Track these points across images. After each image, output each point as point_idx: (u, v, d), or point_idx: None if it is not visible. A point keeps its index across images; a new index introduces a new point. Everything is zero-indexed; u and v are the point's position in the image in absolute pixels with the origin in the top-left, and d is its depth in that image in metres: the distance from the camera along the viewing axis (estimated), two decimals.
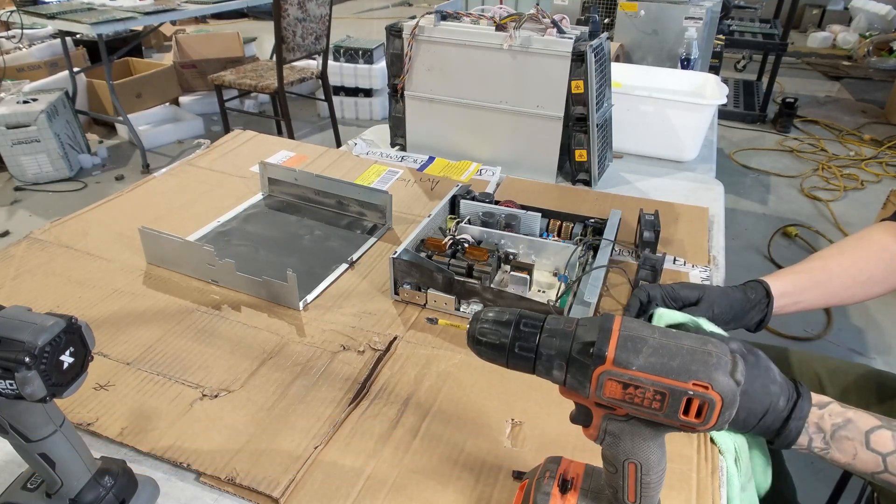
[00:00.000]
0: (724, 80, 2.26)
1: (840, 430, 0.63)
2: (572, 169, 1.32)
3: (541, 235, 1.01)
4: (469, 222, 1.01)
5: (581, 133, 1.25)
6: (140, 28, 3.76)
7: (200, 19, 6.00)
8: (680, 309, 0.77)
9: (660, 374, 0.43)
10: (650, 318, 0.75)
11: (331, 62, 3.60)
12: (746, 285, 0.82)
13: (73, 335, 0.50)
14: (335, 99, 3.79)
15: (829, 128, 4.05)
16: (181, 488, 0.64)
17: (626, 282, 0.97)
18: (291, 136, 3.19)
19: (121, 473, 0.59)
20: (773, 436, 0.65)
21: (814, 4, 6.45)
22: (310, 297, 0.92)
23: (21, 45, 3.70)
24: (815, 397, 0.65)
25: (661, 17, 2.02)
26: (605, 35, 1.25)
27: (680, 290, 0.78)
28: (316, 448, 0.68)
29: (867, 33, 5.82)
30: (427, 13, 1.30)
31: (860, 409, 0.64)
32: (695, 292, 0.78)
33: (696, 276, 0.99)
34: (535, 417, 0.73)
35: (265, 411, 0.72)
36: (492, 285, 0.89)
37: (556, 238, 1.00)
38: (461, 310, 0.89)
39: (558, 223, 1.02)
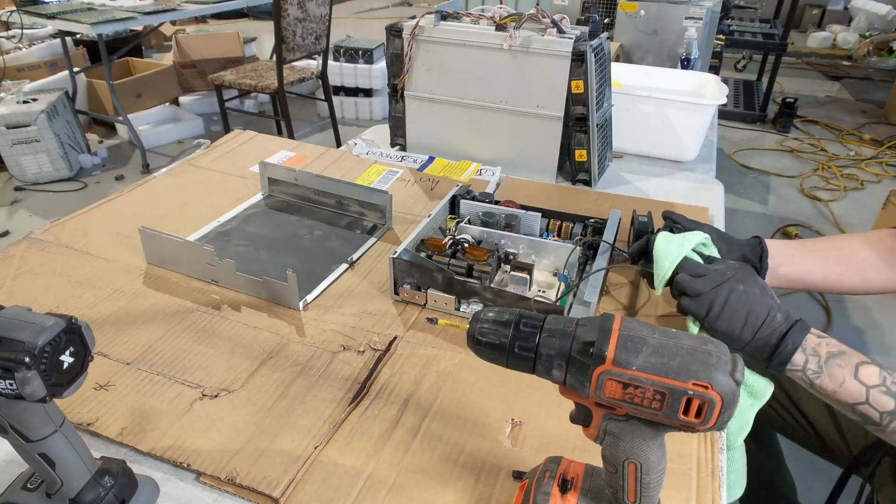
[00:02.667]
0: (724, 80, 2.26)
1: (834, 357, 0.66)
2: (572, 169, 1.32)
3: (541, 235, 1.01)
4: (469, 222, 1.01)
5: (581, 133, 1.25)
6: (140, 28, 3.76)
7: (200, 19, 6.00)
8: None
9: (660, 374, 0.43)
10: (648, 245, 0.80)
11: (331, 62, 3.60)
12: (749, 242, 0.85)
13: (73, 335, 0.50)
14: (335, 99, 3.79)
15: (829, 128, 4.05)
16: (181, 488, 0.64)
17: (627, 283, 0.97)
18: (291, 136, 3.19)
19: (121, 473, 0.59)
20: (770, 352, 0.68)
21: (814, 4, 6.45)
22: (310, 297, 0.92)
23: (21, 45, 3.71)
24: (816, 330, 0.68)
25: (661, 17, 2.02)
26: (605, 35, 1.25)
27: (680, 218, 0.84)
28: (316, 448, 0.68)
29: (867, 33, 5.82)
30: (427, 13, 1.30)
31: (855, 350, 0.67)
32: (692, 225, 0.83)
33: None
34: (535, 417, 0.73)
35: (265, 411, 0.72)
36: (492, 285, 0.89)
37: (556, 238, 1.00)
38: (461, 310, 0.89)
39: (558, 223, 1.02)
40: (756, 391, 0.73)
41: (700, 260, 0.76)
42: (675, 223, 0.84)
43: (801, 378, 0.68)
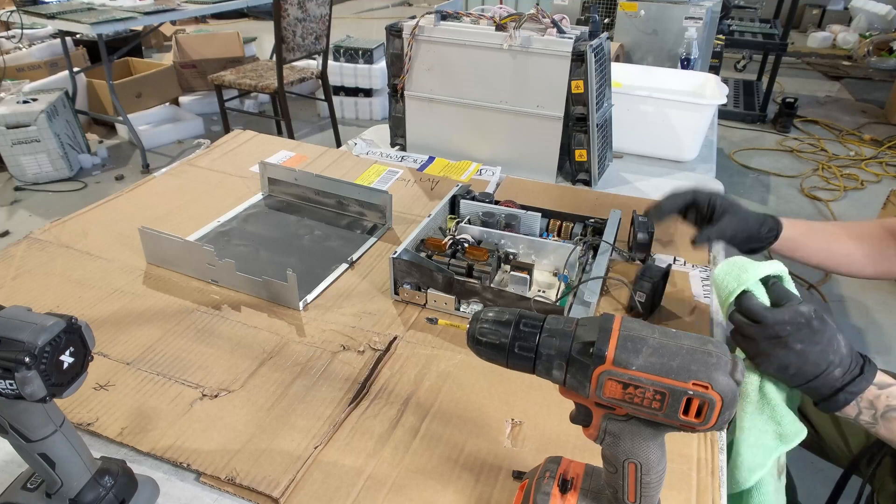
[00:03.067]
0: (724, 80, 2.26)
1: (892, 411, 0.64)
2: (572, 169, 1.32)
3: (541, 235, 1.01)
4: (469, 222, 1.01)
5: (581, 133, 1.25)
6: (140, 28, 3.76)
7: (200, 19, 6.00)
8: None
9: (660, 374, 0.43)
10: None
11: (331, 62, 3.60)
12: (765, 219, 0.87)
13: (73, 335, 0.50)
14: (335, 99, 3.79)
15: (829, 128, 4.05)
16: (181, 488, 0.64)
17: (627, 283, 0.97)
18: (291, 136, 3.19)
19: (121, 473, 0.59)
20: (821, 399, 0.66)
21: (814, 4, 6.45)
22: (310, 297, 0.92)
23: (21, 45, 3.70)
24: (881, 377, 0.66)
25: (661, 17, 2.02)
26: (605, 35, 1.25)
27: (716, 199, 0.86)
28: (316, 448, 0.68)
29: (867, 33, 5.82)
30: (427, 13, 1.30)
31: None
32: (722, 208, 0.85)
33: (696, 276, 0.99)
34: (535, 417, 0.73)
35: (265, 411, 0.72)
36: (492, 285, 0.89)
37: (556, 238, 1.00)
38: (461, 310, 0.89)
39: (558, 223, 1.02)
40: (785, 434, 0.68)
41: (765, 298, 0.67)
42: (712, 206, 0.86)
43: (854, 422, 0.67)
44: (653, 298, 0.88)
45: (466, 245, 0.94)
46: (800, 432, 0.68)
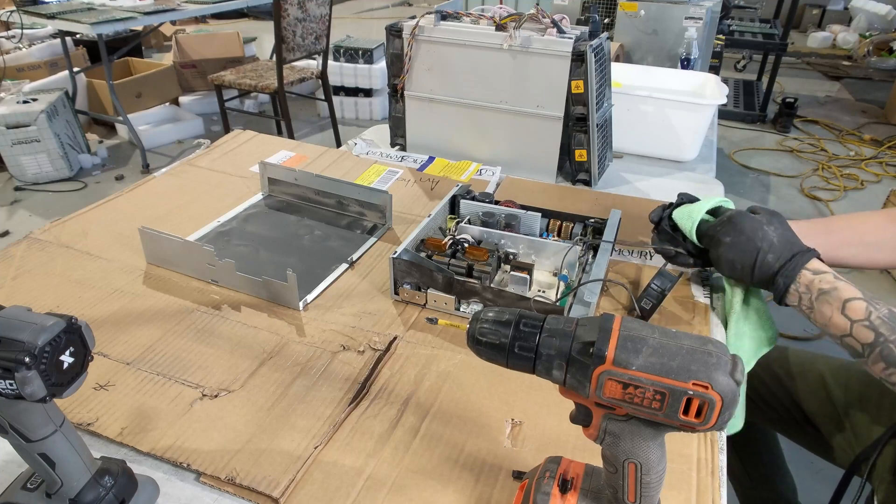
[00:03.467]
0: (724, 80, 2.26)
1: (824, 294, 0.71)
2: (572, 169, 1.32)
3: (541, 235, 1.01)
4: (469, 222, 1.01)
5: (581, 133, 1.25)
6: (140, 28, 3.76)
7: (200, 19, 6.00)
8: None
9: (659, 374, 0.43)
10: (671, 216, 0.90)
11: (331, 62, 3.60)
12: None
13: (73, 335, 0.50)
14: (335, 99, 3.79)
15: (829, 128, 4.05)
16: (181, 488, 0.64)
17: (627, 283, 0.97)
18: (291, 136, 3.19)
19: (121, 473, 0.59)
20: (768, 288, 0.76)
21: (814, 4, 6.45)
22: (310, 297, 0.92)
23: (21, 45, 3.71)
24: (815, 264, 0.73)
25: (661, 17, 2.02)
26: (605, 35, 1.25)
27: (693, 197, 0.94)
28: (316, 448, 0.68)
29: (867, 33, 5.82)
30: (427, 13, 1.30)
31: (850, 283, 0.71)
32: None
33: (696, 276, 0.99)
34: (535, 417, 0.73)
35: (265, 411, 0.72)
36: (492, 285, 0.89)
37: (556, 238, 1.00)
38: (461, 310, 0.89)
39: (558, 223, 1.02)
40: (767, 338, 0.82)
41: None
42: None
43: (801, 313, 0.75)
44: (658, 304, 0.88)
45: (466, 245, 0.94)
46: (775, 337, 0.82)
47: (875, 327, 0.67)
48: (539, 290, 0.93)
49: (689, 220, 0.86)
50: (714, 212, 0.86)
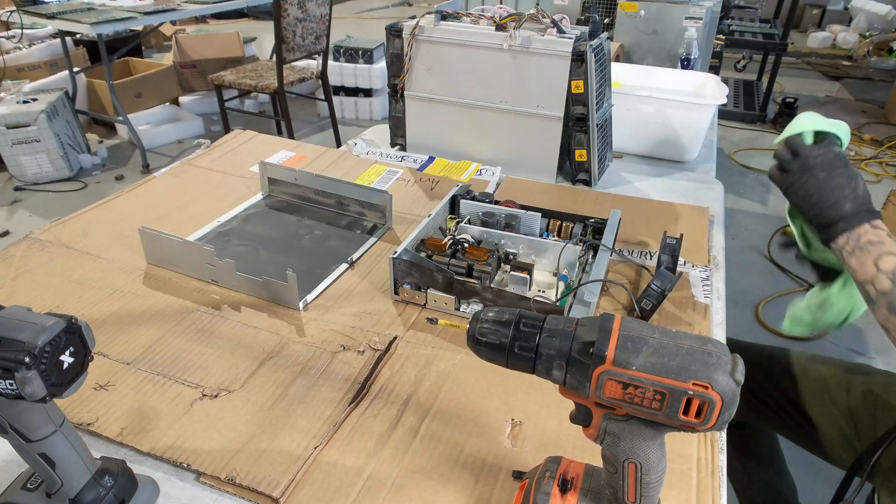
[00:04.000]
0: (724, 80, 2.26)
1: (869, 245, 0.73)
2: (572, 169, 1.32)
3: (541, 235, 1.01)
4: (469, 222, 1.01)
5: (581, 133, 1.25)
6: (140, 28, 3.76)
7: (200, 19, 6.00)
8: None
9: (659, 374, 0.43)
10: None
11: (331, 62, 3.60)
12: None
13: (73, 335, 0.50)
14: (335, 99, 3.79)
15: None
16: (181, 488, 0.64)
17: (627, 283, 0.97)
18: (291, 136, 3.19)
19: (121, 473, 0.59)
20: (825, 224, 0.77)
21: (814, 4, 6.45)
22: (310, 297, 0.92)
23: (21, 45, 3.70)
24: (879, 223, 0.75)
25: (661, 17, 2.02)
26: (605, 35, 1.25)
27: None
28: (316, 448, 0.68)
29: (867, 33, 5.82)
30: (427, 13, 1.30)
31: None
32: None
33: (696, 276, 0.99)
34: (535, 417, 0.73)
35: (265, 411, 0.72)
36: (492, 285, 0.89)
37: (556, 238, 1.00)
38: (461, 310, 0.89)
39: (558, 223, 1.02)
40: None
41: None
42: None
43: (838, 254, 0.76)
44: (658, 304, 0.88)
45: (466, 245, 0.94)
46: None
47: (894, 280, 0.71)
48: (539, 290, 0.93)
49: (794, 127, 0.82)
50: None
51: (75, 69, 3.39)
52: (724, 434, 0.72)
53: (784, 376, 1.07)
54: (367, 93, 3.97)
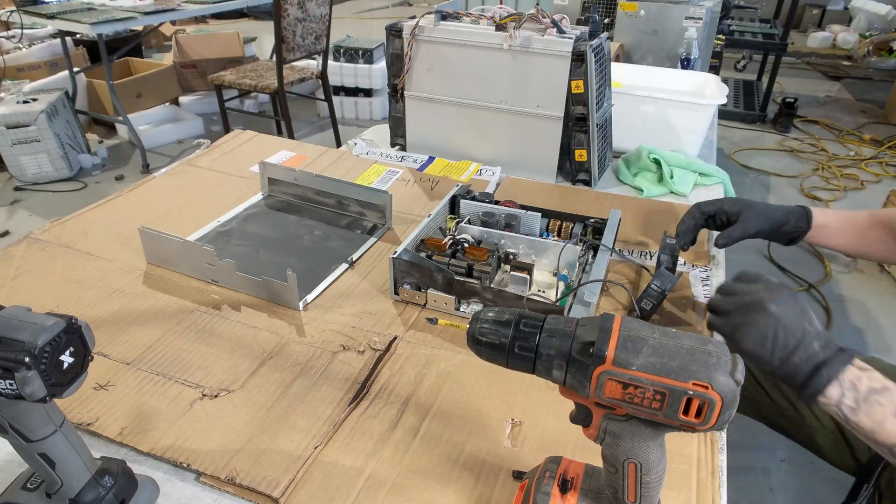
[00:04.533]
0: (724, 80, 2.26)
1: (876, 394, 0.60)
2: (572, 169, 1.32)
3: (541, 235, 1.01)
4: (469, 222, 1.01)
5: (581, 133, 1.25)
6: (140, 28, 3.76)
7: (200, 19, 6.00)
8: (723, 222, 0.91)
9: (660, 374, 0.43)
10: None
11: (331, 62, 3.60)
12: (792, 209, 0.91)
13: (73, 335, 0.50)
14: (335, 99, 3.78)
15: (829, 128, 4.05)
16: (181, 488, 0.64)
17: (623, 287, 0.97)
18: (291, 136, 3.19)
19: (121, 473, 0.59)
20: (802, 380, 0.63)
21: (814, 4, 6.45)
22: (310, 297, 0.92)
23: (21, 45, 3.70)
24: (860, 362, 0.63)
25: (661, 17, 2.02)
26: (605, 35, 1.25)
27: (723, 204, 0.91)
28: (316, 448, 0.68)
29: (867, 33, 5.82)
30: (427, 13, 1.30)
31: None
32: (735, 207, 0.90)
33: (696, 276, 0.99)
34: (535, 417, 0.73)
35: (265, 411, 0.72)
36: (492, 285, 0.89)
37: (556, 238, 1.00)
38: (461, 310, 0.89)
39: (558, 223, 1.02)
40: None
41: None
42: (718, 212, 0.91)
43: (834, 412, 0.63)
44: (658, 304, 0.88)
45: (466, 245, 0.94)
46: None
47: None
48: (539, 291, 0.93)
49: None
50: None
51: (75, 69, 3.39)
52: (724, 434, 0.72)
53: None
54: (367, 93, 3.97)
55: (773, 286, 0.67)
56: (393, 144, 1.47)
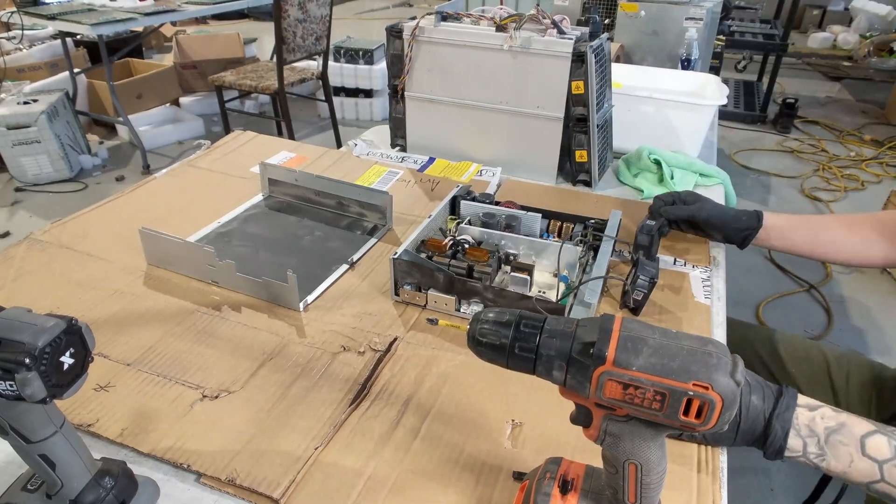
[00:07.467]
0: (725, 81, 2.26)
1: (834, 434, 0.58)
2: (573, 170, 1.32)
3: (541, 236, 1.01)
4: (469, 223, 1.01)
5: (581, 134, 1.25)
6: (140, 29, 3.76)
7: (201, 20, 6.01)
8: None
9: (660, 375, 0.43)
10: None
11: (331, 63, 3.60)
12: (745, 211, 0.99)
13: (74, 336, 0.50)
14: (335, 100, 3.79)
15: (830, 128, 4.05)
16: (181, 489, 0.64)
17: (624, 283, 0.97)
18: (292, 137, 3.19)
19: (121, 474, 0.59)
20: (762, 442, 0.60)
21: (814, 5, 6.45)
22: (310, 298, 0.92)
23: (21, 46, 3.71)
24: (803, 399, 0.60)
25: (661, 18, 2.02)
26: (605, 36, 1.25)
27: (684, 195, 1.01)
28: (316, 449, 0.68)
29: (867, 34, 5.82)
30: (427, 14, 1.30)
31: (852, 414, 0.60)
32: (693, 198, 0.99)
33: (696, 276, 0.99)
34: (536, 418, 0.73)
35: (265, 412, 0.72)
36: (492, 285, 0.89)
37: (557, 239, 1.00)
38: (461, 310, 0.89)
39: (559, 224, 1.02)
40: None
41: None
42: (678, 201, 0.98)
43: (804, 463, 0.60)
44: (649, 293, 0.87)
45: (467, 246, 0.94)
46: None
47: None
48: (539, 291, 0.93)
49: None
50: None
51: (76, 70, 3.39)
52: None
53: (788, 360, 1.06)
54: (368, 93, 3.98)
55: None
56: (393, 145, 1.47)
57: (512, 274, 0.91)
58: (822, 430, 0.59)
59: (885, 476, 0.57)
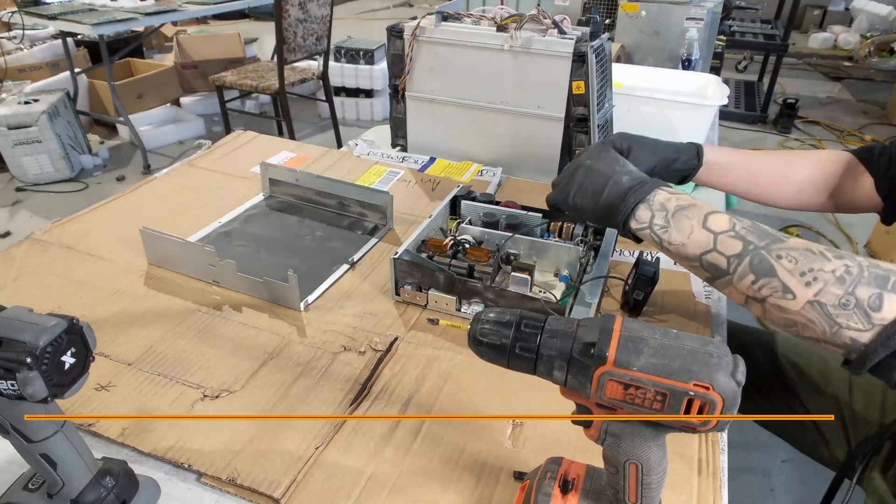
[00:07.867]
0: (725, 81, 2.26)
1: (683, 210, 0.64)
2: None
3: (542, 236, 1.01)
4: (470, 223, 1.01)
5: (582, 134, 1.25)
6: (141, 29, 3.76)
7: (201, 20, 6.01)
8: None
9: (661, 375, 0.43)
10: None
11: (332, 63, 3.60)
12: (683, 146, 0.90)
13: (75, 336, 0.50)
14: (336, 99, 3.79)
15: (830, 128, 4.05)
16: (182, 489, 0.64)
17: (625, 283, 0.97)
18: (292, 137, 3.19)
19: (122, 474, 0.59)
20: (616, 209, 0.67)
21: (815, 5, 6.45)
22: (311, 298, 0.92)
23: (22, 46, 3.71)
24: (670, 187, 0.67)
25: (662, 18, 2.03)
26: (606, 36, 1.25)
27: (614, 141, 0.86)
28: (317, 449, 0.68)
29: (868, 34, 5.82)
30: (428, 14, 1.30)
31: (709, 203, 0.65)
32: (626, 144, 0.86)
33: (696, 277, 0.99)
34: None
35: (266, 412, 0.72)
36: (493, 285, 0.89)
37: (557, 239, 1.00)
38: (462, 310, 0.89)
39: (559, 224, 1.02)
40: None
41: None
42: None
43: (649, 236, 0.66)
44: (650, 292, 0.87)
45: (467, 246, 0.94)
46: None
47: (742, 236, 0.60)
48: (540, 291, 0.93)
49: None
50: None
51: (76, 70, 3.39)
52: (725, 435, 0.72)
53: (789, 367, 1.06)
54: (368, 93, 3.98)
55: (591, 147, 0.75)
56: (394, 145, 1.47)
57: (512, 274, 0.91)
58: (673, 206, 0.65)
59: (717, 245, 0.61)
